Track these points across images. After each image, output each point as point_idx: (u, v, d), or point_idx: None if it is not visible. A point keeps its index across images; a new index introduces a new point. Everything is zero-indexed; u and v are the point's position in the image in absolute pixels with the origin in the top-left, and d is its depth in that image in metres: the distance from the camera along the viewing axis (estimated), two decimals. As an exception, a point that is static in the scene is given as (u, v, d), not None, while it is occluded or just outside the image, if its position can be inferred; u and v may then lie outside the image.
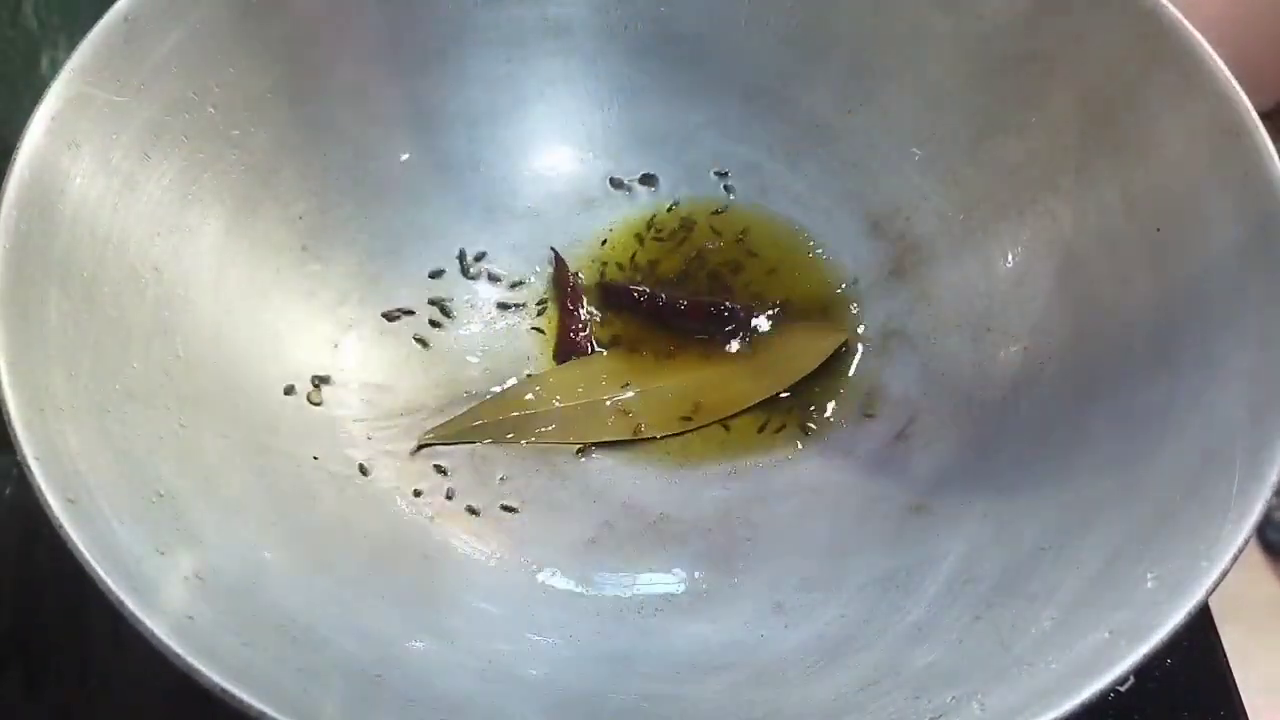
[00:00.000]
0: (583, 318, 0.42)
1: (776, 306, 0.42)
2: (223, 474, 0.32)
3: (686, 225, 0.45)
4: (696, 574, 0.36)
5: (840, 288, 0.43)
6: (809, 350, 0.41)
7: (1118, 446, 0.32)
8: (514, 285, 0.43)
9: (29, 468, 0.26)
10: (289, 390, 0.37)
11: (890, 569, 0.35)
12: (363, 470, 0.37)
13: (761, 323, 0.42)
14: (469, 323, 0.42)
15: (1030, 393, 0.37)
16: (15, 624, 0.37)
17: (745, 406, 0.40)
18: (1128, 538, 0.29)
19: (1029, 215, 0.39)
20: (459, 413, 0.40)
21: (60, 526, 0.25)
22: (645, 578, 0.36)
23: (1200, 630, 0.37)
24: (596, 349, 0.42)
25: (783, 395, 0.41)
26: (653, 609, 0.35)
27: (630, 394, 0.41)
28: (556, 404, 0.40)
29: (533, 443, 0.40)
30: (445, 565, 0.36)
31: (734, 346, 0.42)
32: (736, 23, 0.43)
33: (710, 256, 0.44)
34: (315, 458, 0.36)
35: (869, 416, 0.40)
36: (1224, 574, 0.26)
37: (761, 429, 0.40)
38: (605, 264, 0.44)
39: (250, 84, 0.37)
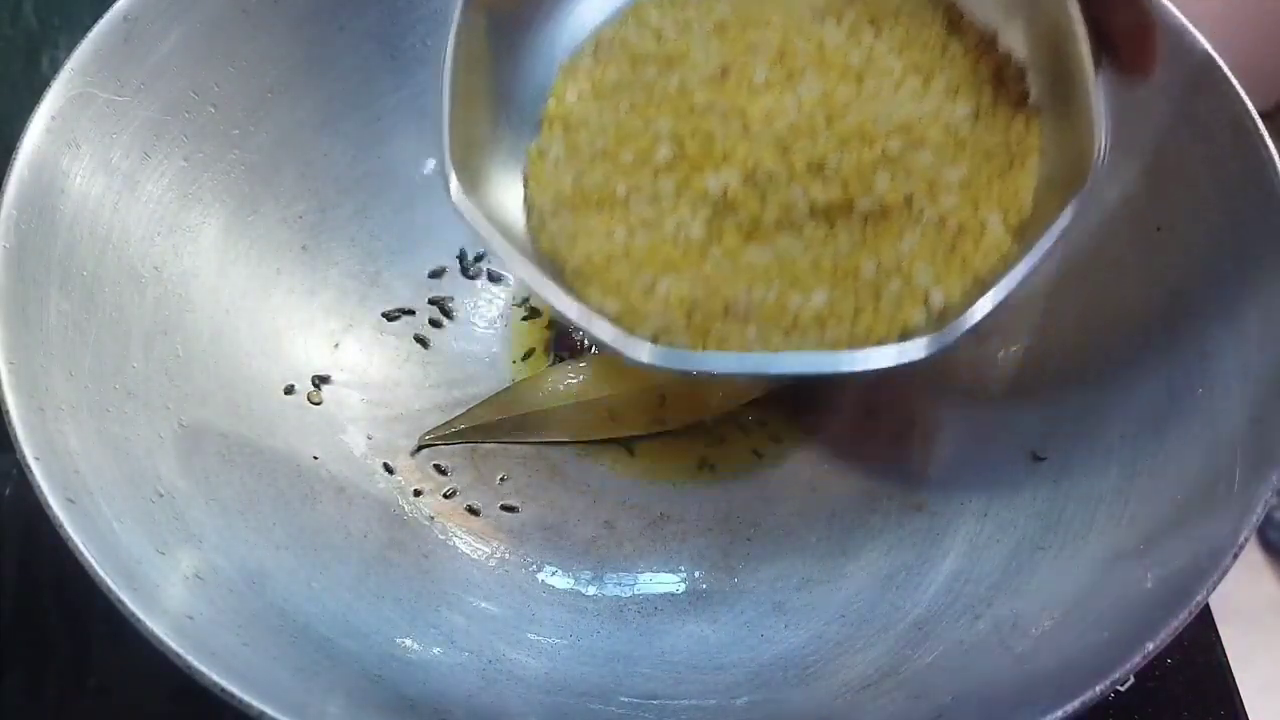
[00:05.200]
0: None
1: None
2: (223, 474, 0.32)
3: None
4: (696, 574, 0.36)
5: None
6: None
7: (1118, 446, 0.32)
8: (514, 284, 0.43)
9: (29, 468, 0.26)
10: (289, 390, 0.37)
11: (890, 569, 0.35)
12: (363, 470, 0.37)
13: None
14: (469, 322, 0.42)
15: (1030, 393, 0.37)
16: (15, 624, 0.37)
17: (744, 401, 0.40)
18: (1128, 538, 0.29)
19: (1029, 215, 0.39)
20: (459, 413, 0.40)
21: (60, 526, 0.25)
22: (645, 577, 0.36)
23: (1200, 630, 0.37)
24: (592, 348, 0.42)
25: (782, 392, 0.41)
26: (653, 609, 0.35)
27: (627, 393, 0.41)
28: (556, 404, 0.40)
29: (532, 442, 0.40)
30: (445, 565, 0.36)
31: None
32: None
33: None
34: (315, 458, 0.36)
35: (869, 416, 0.40)
36: (1224, 574, 0.26)
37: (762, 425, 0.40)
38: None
39: (250, 84, 0.37)
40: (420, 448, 0.39)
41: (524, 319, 0.43)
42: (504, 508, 0.38)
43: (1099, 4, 0.26)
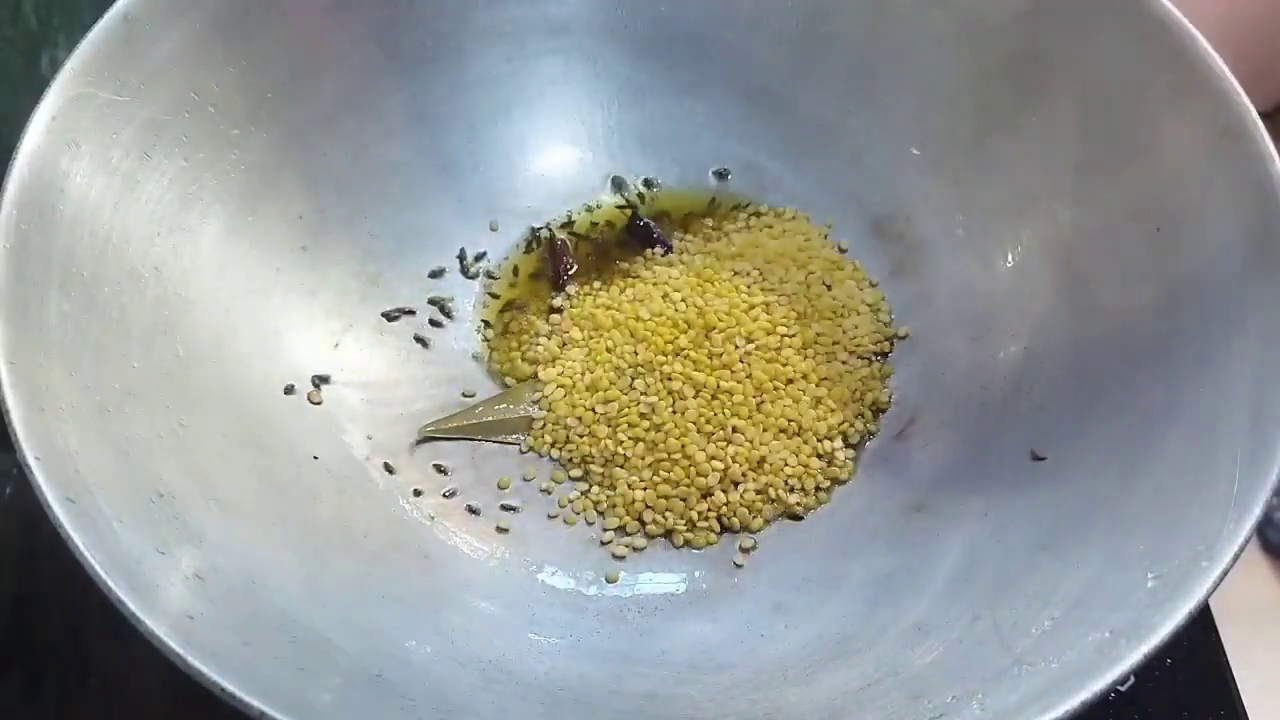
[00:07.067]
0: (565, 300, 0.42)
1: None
2: (223, 474, 0.32)
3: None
4: (696, 574, 0.36)
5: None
6: None
7: (1118, 446, 0.32)
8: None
9: (29, 468, 0.26)
10: (289, 390, 0.37)
11: (890, 569, 0.35)
12: (363, 470, 0.37)
13: None
14: (469, 322, 0.42)
15: (1030, 393, 0.37)
16: (15, 624, 0.37)
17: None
18: (1128, 538, 0.29)
19: (1029, 215, 0.39)
20: (458, 411, 0.39)
21: (60, 526, 0.25)
22: (645, 577, 0.36)
23: (1200, 630, 0.37)
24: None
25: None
26: (653, 608, 0.35)
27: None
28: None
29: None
30: (445, 565, 0.36)
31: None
32: (736, 22, 0.43)
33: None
34: (315, 458, 0.36)
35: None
36: (1224, 574, 0.26)
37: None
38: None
39: (250, 84, 0.37)
40: (421, 441, 0.38)
41: (523, 318, 0.43)
42: (504, 508, 0.38)
43: None
